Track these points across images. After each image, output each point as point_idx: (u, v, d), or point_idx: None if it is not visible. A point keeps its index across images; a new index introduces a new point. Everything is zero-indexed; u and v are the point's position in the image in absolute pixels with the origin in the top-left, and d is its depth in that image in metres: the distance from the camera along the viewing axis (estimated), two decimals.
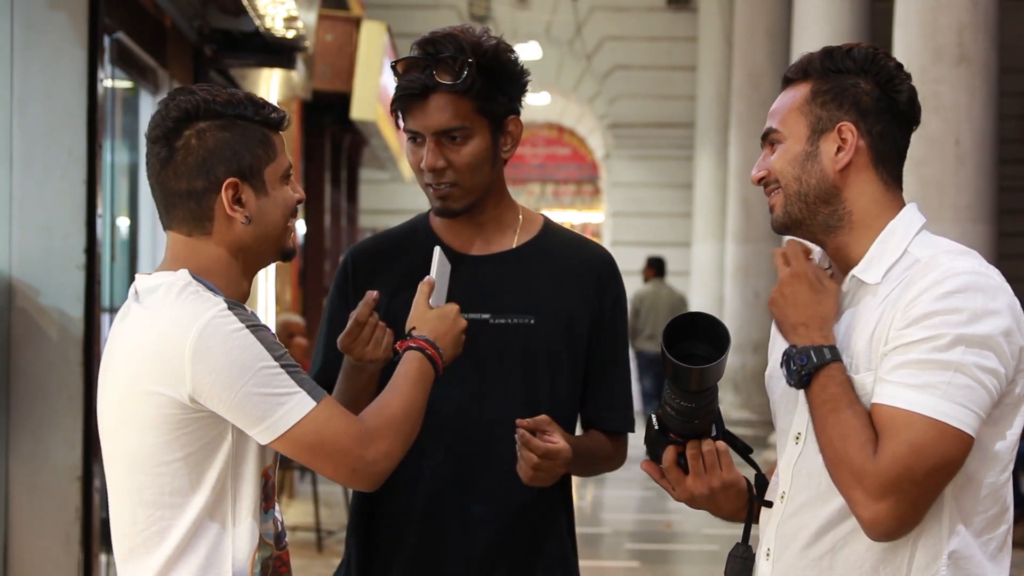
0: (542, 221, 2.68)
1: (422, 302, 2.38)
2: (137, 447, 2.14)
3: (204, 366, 2.08)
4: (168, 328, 2.10)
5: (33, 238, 4.90)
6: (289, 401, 2.10)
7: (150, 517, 2.14)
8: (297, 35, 7.42)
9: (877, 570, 2.10)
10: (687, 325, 2.14)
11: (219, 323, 2.09)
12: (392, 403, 2.23)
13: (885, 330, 2.07)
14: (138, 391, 2.12)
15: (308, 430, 2.11)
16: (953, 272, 2.05)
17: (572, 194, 25.66)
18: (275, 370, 2.10)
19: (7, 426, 4.86)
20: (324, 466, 2.16)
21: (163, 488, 2.13)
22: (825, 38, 9.35)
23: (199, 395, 2.09)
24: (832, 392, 2.05)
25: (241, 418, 2.11)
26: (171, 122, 2.17)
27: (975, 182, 7.20)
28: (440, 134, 2.50)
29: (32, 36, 4.89)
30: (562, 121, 23.84)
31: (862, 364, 2.09)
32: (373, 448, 2.16)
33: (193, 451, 2.13)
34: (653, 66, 17.47)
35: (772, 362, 2.31)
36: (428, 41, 2.52)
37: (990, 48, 7.26)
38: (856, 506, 2.03)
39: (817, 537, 2.14)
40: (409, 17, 16.43)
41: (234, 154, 2.17)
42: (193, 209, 2.18)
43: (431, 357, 2.31)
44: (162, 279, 2.16)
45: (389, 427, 2.20)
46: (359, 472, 2.16)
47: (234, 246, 2.20)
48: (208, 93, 2.19)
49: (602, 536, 8.82)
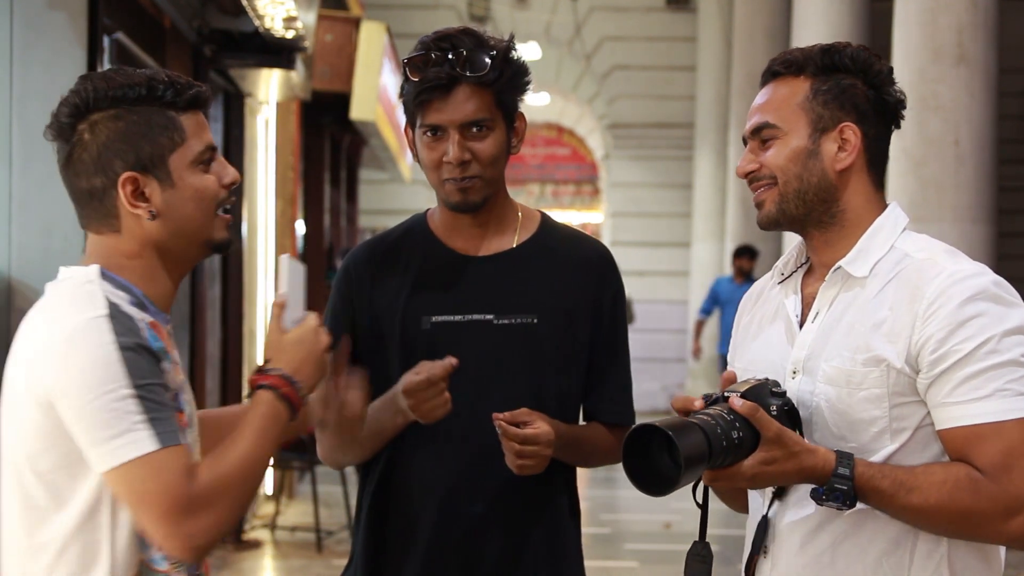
0: (539, 218, 2.69)
1: (275, 327, 2.12)
2: (14, 450, 1.98)
3: (61, 371, 1.90)
4: (44, 327, 1.96)
5: (33, 238, 4.90)
6: (125, 438, 1.87)
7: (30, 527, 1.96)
8: (296, 35, 7.42)
9: (880, 563, 2.10)
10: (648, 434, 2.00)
11: (91, 330, 1.91)
12: (232, 460, 1.96)
13: (905, 330, 2.07)
14: (16, 392, 1.98)
15: (133, 476, 1.88)
16: (964, 275, 2.08)
17: (571, 194, 25.65)
18: (124, 400, 1.88)
19: None
20: (140, 520, 1.93)
21: (33, 501, 1.96)
22: (825, 38, 9.33)
23: (54, 399, 1.91)
24: (885, 485, 2.05)
25: (77, 434, 1.90)
26: (64, 118, 2.02)
27: (975, 182, 7.20)
28: (465, 126, 2.51)
29: (32, 36, 4.89)
30: (561, 121, 23.83)
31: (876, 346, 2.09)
32: (194, 521, 1.90)
33: (69, 457, 1.93)
34: (652, 66, 17.47)
35: (744, 360, 2.31)
36: (443, 37, 2.52)
37: (990, 48, 7.26)
38: (1012, 533, 2.04)
39: (815, 533, 2.14)
40: (408, 17, 16.43)
41: (130, 146, 2.00)
42: (97, 207, 2.04)
43: (286, 396, 2.04)
44: (71, 273, 2.04)
45: (221, 494, 1.93)
46: (172, 540, 1.91)
47: (146, 243, 2.04)
48: (103, 80, 2.01)
49: (602, 536, 8.82)
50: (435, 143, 2.52)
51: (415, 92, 2.51)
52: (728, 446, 1.98)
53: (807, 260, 2.28)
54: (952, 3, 7.18)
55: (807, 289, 2.25)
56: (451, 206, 2.57)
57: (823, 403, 2.13)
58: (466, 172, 2.51)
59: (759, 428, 2.01)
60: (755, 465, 2.02)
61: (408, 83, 2.54)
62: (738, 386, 2.10)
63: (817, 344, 2.16)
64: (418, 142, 2.56)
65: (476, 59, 2.50)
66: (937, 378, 2.05)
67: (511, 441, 2.44)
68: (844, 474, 2.02)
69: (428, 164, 2.54)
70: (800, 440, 2.05)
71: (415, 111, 2.53)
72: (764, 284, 2.37)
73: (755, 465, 2.02)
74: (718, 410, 2.02)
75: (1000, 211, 7.68)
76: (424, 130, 2.53)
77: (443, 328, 2.52)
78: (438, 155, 2.52)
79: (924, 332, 2.05)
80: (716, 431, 1.97)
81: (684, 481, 1.95)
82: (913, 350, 2.06)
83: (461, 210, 2.56)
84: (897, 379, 2.08)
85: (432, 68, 2.49)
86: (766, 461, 2.02)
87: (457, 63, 2.48)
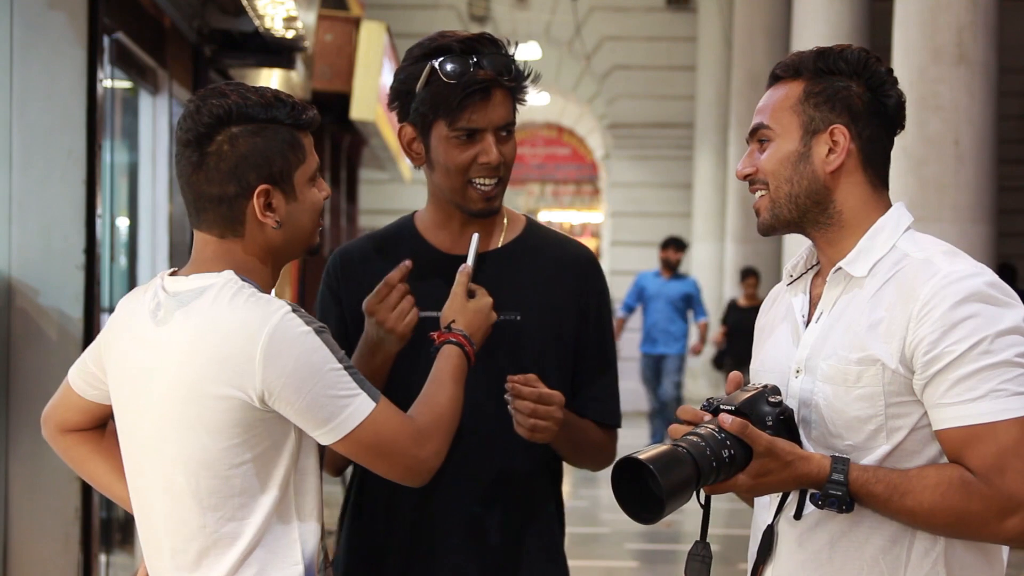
0: (525, 220, 2.72)
1: (460, 292, 2.45)
2: (202, 451, 2.14)
3: (275, 369, 2.09)
4: (236, 330, 2.11)
5: (33, 238, 4.89)
6: (352, 403, 2.14)
7: (220, 519, 2.16)
8: (296, 35, 7.42)
9: (877, 560, 2.12)
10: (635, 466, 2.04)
11: (288, 325, 2.11)
12: (440, 400, 2.29)
13: (900, 330, 2.08)
14: (202, 395, 2.13)
15: (369, 431, 2.15)
16: (959, 276, 2.08)
17: (571, 194, 25.65)
18: (339, 372, 2.14)
19: (7, 426, 4.86)
20: (380, 465, 2.21)
21: (233, 490, 2.15)
22: (825, 38, 9.35)
23: (269, 397, 2.11)
24: (879, 490, 2.07)
25: (307, 420, 2.13)
26: (203, 127, 2.16)
27: (975, 182, 7.20)
28: (499, 129, 2.54)
29: (32, 36, 4.88)
30: (561, 121, 23.83)
31: (871, 346, 2.10)
32: (427, 447, 2.22)
33: (261, 452, 2.15)
34: (652, 66, 17.47)
35: (756, 361, 2.34)
36: (467, 40, 2.53)
37: (990, 48, 7.26)
38: (1009, 533, 2.05)
39: (813, 531, 2.16)
40: (408, 17, 16.43)
41: (265, 160, 2.18)
42: (225, 213, 2.19)
43: (468, 354, 2.39)
44: (206, 280, 2.17)
45: (439, 425, 2.26)
46: (413, 470, 2.22)
47: (264, 248, 2.22)
48: (240, 96, 2.18)
49: (602, 536, 8.81)
50: (468, 145, 2.52)
51: (457, 95, 2.49)
52: (719, 465, 2.04)
53: (818, 261, 2.30)
54: (952, 3, 7.18)
55: (815, 290, 2.27)
56: (472, 212, 2.58)
57: (821, 401, 2.15)
58: (497, 174, 2.55)
59: (750, 443, 2.05)
60: (750, 478, 2.06)
61: (434, 85, 2.51)
62: (735, 396, 2.13)
63: (818, 343, 2.18)
64: (441, 144, 2.53)
65: (507, 63, 2.54)
66: (932, 379, 2.06)
67: (526, 400, 2.45)
68: (839, 480, 2.05)
69: (457, 166, 2.53)
70: (793, 449, 2.07)
71: (444, 114, 2.51)
72: (780, 287, 2.40)
73: (750, 478, 2.06)
74: (709, 429, 2.07)
75: (1000, 211, 7.68)
76: (459, 133, 2.51)
77: (429, 323, 2.51)
78: (469, 157, 2.52)
79: (918, 333, 2.06)
80: (705, 452, 2.03)
81: (670, 510, 2.00)
82: (907, 351, 2.07)
83: (483, 215, 2.59)
84: (892, 379, 2.09)
85: (472, 71, 2.49)
86: (760, 473, 2.06)
87: (493, 67, 2.51)
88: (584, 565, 8.30)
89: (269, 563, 2.16)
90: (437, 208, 2.63)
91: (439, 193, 2.61)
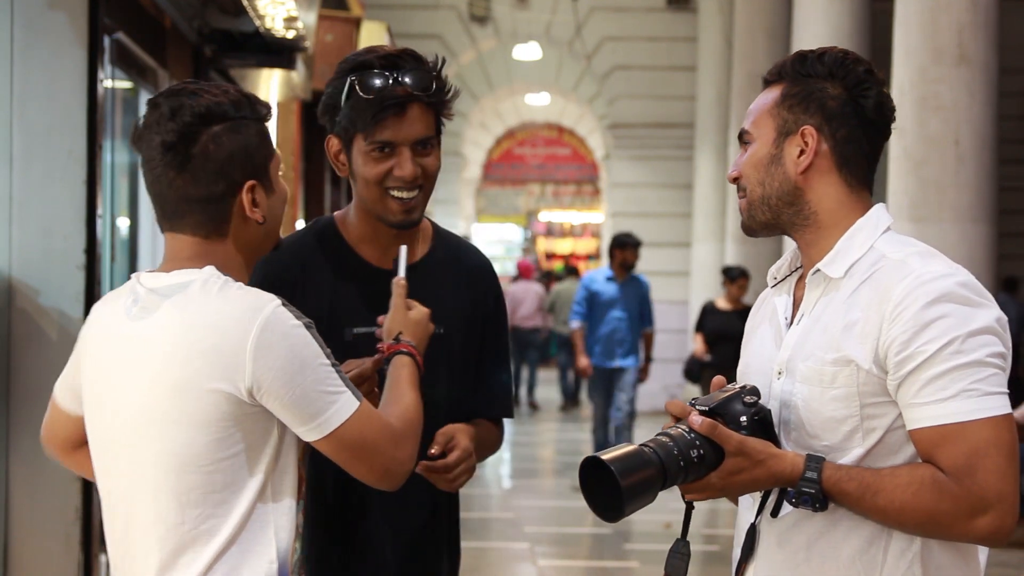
0: (431, 228, 2.80)
1: (401, 305, 2.49)
2: (186, 445, 2.12)
3: (266, 361, 2.08)
4: (227, 322, 2.10)
5: (33, 238, 4.90)
6: (339, 400, 2.13)
7: (200, 515, 2.14)
8: (297, 35, 7.42)
9: (854, 560, 2.14)
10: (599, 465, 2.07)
11: (280, 318, 2.10)
12: (409, 405, 2.30)
13: (874, 331, 2.09)
14: (189, 387, 2.11)
15: (354, 429, 2.15)
16: (931, 277, 2.08)
17: (572, 194, 25.65)
18: (328, 368, 2.13)
19: (7, 426, 4.86)
20: (359, 466, 2.20)
21: (215, 486, 2.13)
22: (825, 38, 9.35)
23: (257, 391, 2.10)
24: (851, 488, 2.08)
25: (294, 415, 2.12)
26: (187, 127, 2.16)
27: (975, 182, 7.20)
28: (416, 144, 2.60)
29: (32, 36, 4.88)
30: (562, 121, 23.83)
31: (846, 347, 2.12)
32: (404, 449, 2.23)
33: (245, 447, 2.13)
34: (653, 66, 17.46)
35: (742, 363, 2.36)
36: (388, 56, 2.60)
37: (990, 48, 7.26)
38: (979, 532, 2.06)
39: (791, 531, 2.18)
40: (409, 17, 16.41)
41: (248, 156, 2.19)
42: (212, 213, 2.19)
43: (419, 363, 2.41)
44: (188, 276, 2.16)
45: (412, 429, 2.27)
46: (391, 472, 2.22)
47: (246, 245, 2.23)
48: (211, 96, 2.18)
49: (602, 536, 8.82)
50: (384, 159, 2.60)
51: (372, 109, 2.57)
52: (687, 465, 2.07)
53: (800, 265, 2.33)
54: (952, 3, 7.18)
55: (799, 292, 2.29)
56: (391, 223, 2.65)
57: (799, 402, 2.17)
58: (414, 189, 2.61)
59: (720, 443, 2.08)
60: (723, 477, 2.09)
61: (353, 100, 2.59)
62: (712, 396, 2.17)
63: (798, 345, 2.20)
64: (360, 156, 2.62)
65: (426, 79, 2.59)
66: (904, 379, 2.07)
67: (443, 473, 2.55)
68: (812, 478, 2.07)
69: (371, 178, 2.62)
70: (766, 447, 2.10)
71: (361, 128, 2.59)
72: (769, 290, 2.41)
73: (723, 477, 2.09)
74: (680, 430, 2.10)
75: (1000, 211, 7.68)
76: (375, 146, 2.60)
77: (365, 340, 2.58)
78: (384, 170, 2.61)
79: (890, 334, 2.07)
80: (672, 452, 2.07)
81: (630, 510, 2.04)
82: (881, 351, 2.09)
83: (402, 227, 2.66)
84: (867, 379, 2.10)
85: (390, 87, 2.56)
86: (732, 471, 2.09)
87: (411, 83, 2.57)
88: (584, 565, 8.30)
89: (243, 562, 2.14)
90: (364, 220, 2.71)
91: (363, 205, 2.68)
